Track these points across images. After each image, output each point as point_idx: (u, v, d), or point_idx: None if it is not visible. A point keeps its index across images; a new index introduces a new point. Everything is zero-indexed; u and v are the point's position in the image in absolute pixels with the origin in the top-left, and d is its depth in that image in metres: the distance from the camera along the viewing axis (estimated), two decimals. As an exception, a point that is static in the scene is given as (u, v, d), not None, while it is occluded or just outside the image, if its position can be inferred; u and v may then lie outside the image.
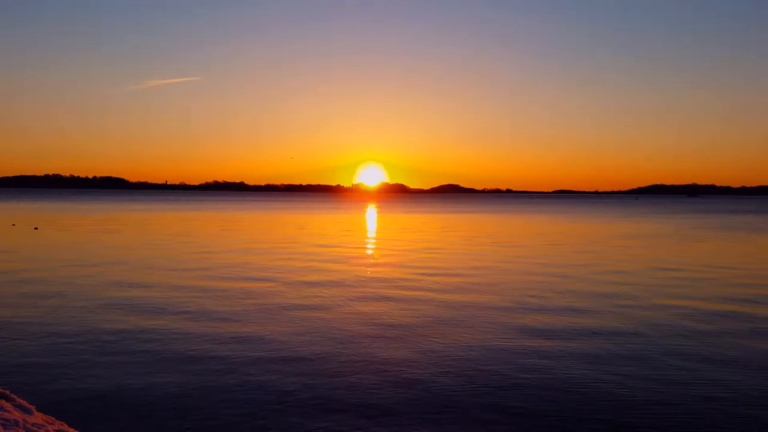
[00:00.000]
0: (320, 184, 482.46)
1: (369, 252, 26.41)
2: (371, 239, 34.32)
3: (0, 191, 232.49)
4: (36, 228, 38.08)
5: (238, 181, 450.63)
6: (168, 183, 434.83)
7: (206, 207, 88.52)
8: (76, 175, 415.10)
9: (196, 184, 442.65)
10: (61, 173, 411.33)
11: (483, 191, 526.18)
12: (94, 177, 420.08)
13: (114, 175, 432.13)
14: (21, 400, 6.48)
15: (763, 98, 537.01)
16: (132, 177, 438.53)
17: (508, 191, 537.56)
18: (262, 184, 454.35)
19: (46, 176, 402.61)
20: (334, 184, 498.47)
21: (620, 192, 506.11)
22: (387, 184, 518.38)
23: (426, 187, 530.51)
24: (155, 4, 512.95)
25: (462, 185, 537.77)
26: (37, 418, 6.23)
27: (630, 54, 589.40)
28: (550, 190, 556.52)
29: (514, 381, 8.41)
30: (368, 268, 20.28)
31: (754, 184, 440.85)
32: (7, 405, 6.27)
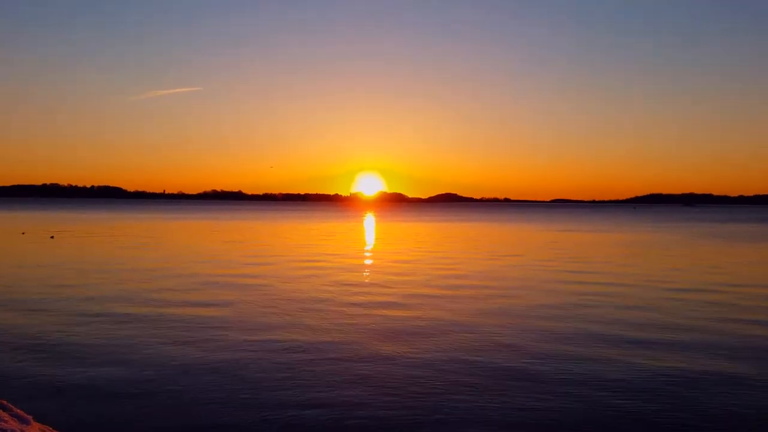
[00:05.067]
0: (318, 193, 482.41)
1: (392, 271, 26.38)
2: (387, 256, 34.39)
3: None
4: (52, 237, 38.82)
5: (236, 190, 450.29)
6: (166, 192, 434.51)
7: (206, 216, 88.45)
8: (74, 184, 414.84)
9: (194, 193, 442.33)
10: (59, 182, 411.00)
11: (481, 200, 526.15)
12: (92, 186, 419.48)
13: (112, 184, 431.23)
14: (18, 410, 6.54)
15: (761, 108, 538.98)
16: (130, 186, 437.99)
17: (506, 200, 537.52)
18: (260, 193, 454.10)
19: (44, 185, 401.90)
20: (332, 193, 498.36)
21: (618, 201, 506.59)
22: (385, 193, 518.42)
23: (424, 196, 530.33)
24: (156, 15, 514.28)
25: (460, 194, 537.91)
26: (35, 428, 6.28)
27: (628, 63, 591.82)
28: (548, 200, 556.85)
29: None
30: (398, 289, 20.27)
31: (751, 194, 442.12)
32: (5, 415, 6.33)
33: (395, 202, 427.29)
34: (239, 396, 8.19)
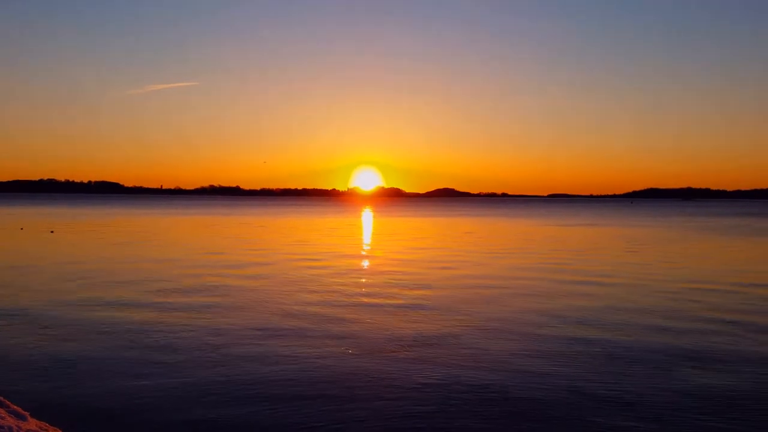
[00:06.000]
0: (316, 188, 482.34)
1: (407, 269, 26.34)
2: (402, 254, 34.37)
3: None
4: (52, 231, 39.44)
5: (233, 185, 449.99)
6: (163, 187, 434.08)
7: (205, 212, 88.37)
8: (71, 179, 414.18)
9: (192, 188, 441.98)
10: (56, 178, 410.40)
11: (479, 195, 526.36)
12: (90, 182, 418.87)
13: (109, 179, 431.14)
14: (15, 407, 6.56)
15: (759, 102, 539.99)
16: (127, 181, 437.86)
17: (504, 195, 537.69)
18: (258, 188, 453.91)
19: (41, 181, 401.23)
20: (329, 188, 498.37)
21: (615, 196, 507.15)
22: (382, 188, 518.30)
23: (421, 191, 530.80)
24: (154, 9, 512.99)
25: (458, 189, 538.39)
26: (32, 424, 6.31)
27: (625, 58, 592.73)
28: (546, 194, 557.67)
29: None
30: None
31: (749, 188, 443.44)
32: (1, 411, 6.35)
33: (393, 197, 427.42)
34: (243, 396, 8.19)
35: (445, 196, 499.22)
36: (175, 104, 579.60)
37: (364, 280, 18.86)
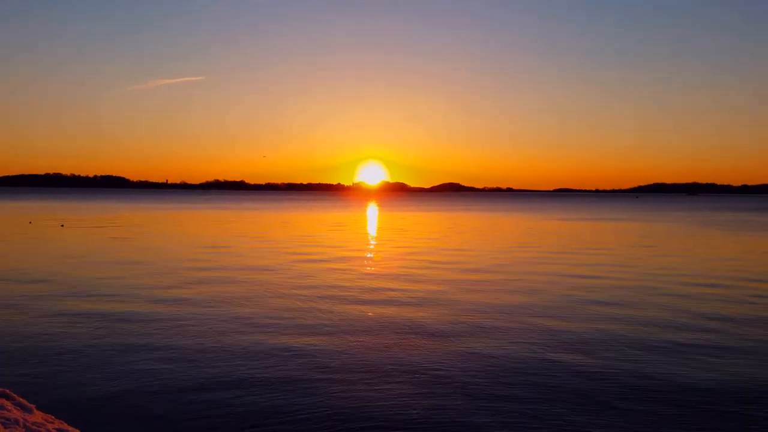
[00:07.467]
0: (321, 182, 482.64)
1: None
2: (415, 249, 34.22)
3: (1, 190, 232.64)
4: (62, 225, 40.05)
5: (238, 179, 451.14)
6: (169, 182, 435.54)
7: (211, 206, 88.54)
8: (77, 174, 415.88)
9: (197, 183, 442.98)
10: (62, 172, 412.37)
11: (483, 190, 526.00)
12: (95, 176, 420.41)
13: (115, 174, 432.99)
14: (21, 399, 6.55)
15: (763, 97, 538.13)
16: (133, 176, 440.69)
17: (509, 190, 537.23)
18: (263, 183, 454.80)
19: (47, 175, 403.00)
20: (334, 182, 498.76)
21: (621, 191, 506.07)
22: (387, 182, 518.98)
23: (426, 186, 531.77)
24: (158, 4, 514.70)
25: (462, 184, 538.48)
26: (37, 416, 6.30)
27: (630, 53, 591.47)
28: (551, 189, 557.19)
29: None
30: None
31: (755, 183, 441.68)
32: (8, 404, 6.34)
33: (398, 192, 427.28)
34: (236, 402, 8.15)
35: (450, 191, 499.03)
36: (180, 99, 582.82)
37: (370, 285, 17.27)
